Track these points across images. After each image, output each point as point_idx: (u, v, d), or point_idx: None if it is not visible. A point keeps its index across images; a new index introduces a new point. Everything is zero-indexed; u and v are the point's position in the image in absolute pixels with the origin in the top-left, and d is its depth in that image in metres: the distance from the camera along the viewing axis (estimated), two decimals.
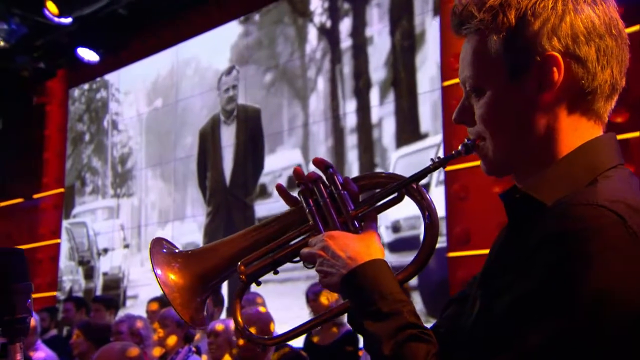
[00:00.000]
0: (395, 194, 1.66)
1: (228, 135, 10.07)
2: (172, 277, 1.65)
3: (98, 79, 12.14)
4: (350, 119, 8.75)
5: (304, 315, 6.33)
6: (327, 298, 6.25)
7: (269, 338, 1.77)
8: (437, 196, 7.37)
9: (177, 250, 1.73)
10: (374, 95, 8.57)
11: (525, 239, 1.36)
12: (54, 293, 11.68)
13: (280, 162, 9.35)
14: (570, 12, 1.45)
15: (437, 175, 7.36)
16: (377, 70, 8.60)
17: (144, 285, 10.36)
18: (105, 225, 11.56)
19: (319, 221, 1.64)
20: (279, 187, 1.74)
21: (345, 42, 8.99)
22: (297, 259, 1.67)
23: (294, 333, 1.68)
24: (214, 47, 10.49)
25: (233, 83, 10.26)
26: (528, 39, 1.45)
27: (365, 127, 8.63)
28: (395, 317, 1.44)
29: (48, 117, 12.64)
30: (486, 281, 1.47)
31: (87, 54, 10.90)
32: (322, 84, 9.10)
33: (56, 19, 9.73)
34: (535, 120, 1.46)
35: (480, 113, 1.51)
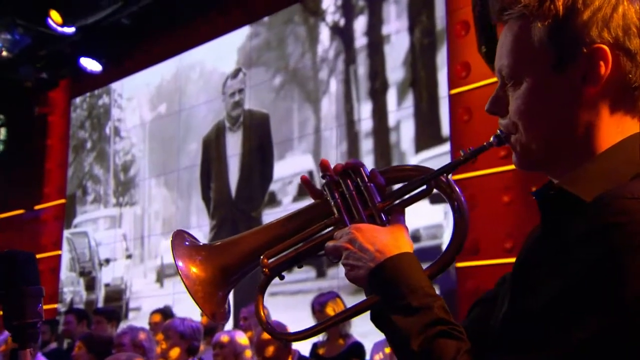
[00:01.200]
0: (424, 187, 1.57)
1: (234, 144, 9.73)
2: (194, 269, 1.56)
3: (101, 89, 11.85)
4: (365, 123, 8.35)
5: None
6: (334, 309, 6.07)
7: (292, 333, 1.62)
8: (443, 207, 7.08)
9: (199, 243, 1.63)
10: (391, 97, 8.17)
11: (562, 235, 1.29)
12: (55, 305, 11.42)
13: (290, 168, 8.98)
14: (624, 1, 1.37)
15: None
16: (395, 71, 8.20)
17: (146, 297, 10.13)
18: (107, 235, 11.31)
19: (344, 214, 1.55)
20: (304, 180, 1.65)
21: (360, 41, 8.64)
22: (322, 252, 1.56)
23: (316, 329, 1.57)
24: (220, 50, 10.19)
25: (239, 87, 9.93)
26: (576, 28, 1.37)
27: (381, 131, 8.20)
28: (425, 312, 1.36)
29: (50, 128, 12.46)
30: (518, 280, 1.36)
31: (90, 64, 10.74)
32: (334, 86, 8.76)
33: (59, 29, 9.63)
34: (576, 114, 1.38)
35: (517, 104, 1.42)
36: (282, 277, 1.62)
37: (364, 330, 6.04)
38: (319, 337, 6.02)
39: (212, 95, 10.29)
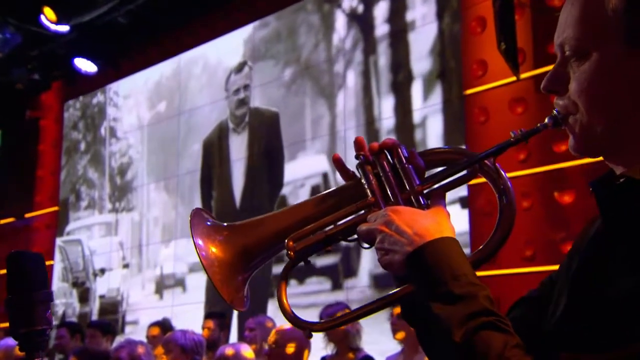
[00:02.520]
0: (467, 171, 1.48)
1: (238, 147, 9.25)
2: (213, 249, 1.48)
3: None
4: (386, 120, 7.81)
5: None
6: None
7: (317, 323, 1.51)
8: (459, 212, 6.76)
9: (220, 223, 1.54)
10: (416, 90, 7.60)
11: (633, 227, 1.22)
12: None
13: (302, 170, 8.48)
14: None
15: (458, 191, 6.50)
16: (420, 61, 7.61)
17: (144, 309, 9.77)
18: (102, 243, 10.89)
19: (379, 196, 1.47)
20: (336, 158, 1.56)
21: (381, 29, 8.07)
22: (353, 237, 1.47)
23: (342, 320, 1.48)
24: (225, 42, 9.70)
25: (244, 82, 9.38)
26: None
27: (405, 127, 7.60)
28: (468, 301, 1.27)
29: (42, 133, 12.14)
30: (586, 277, 1.29)
31: (85, 65, 10.48)
32: (352, 79, 8.23)
33: (53, 27, 9.40)
34: None
35: (580, 80, 1.33)
36: (307, 262, 1.53)
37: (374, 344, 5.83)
38: (328, 351, 5.80)
39: (216, 92, 9.83)
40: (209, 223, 1.54)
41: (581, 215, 5.95)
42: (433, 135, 7.38)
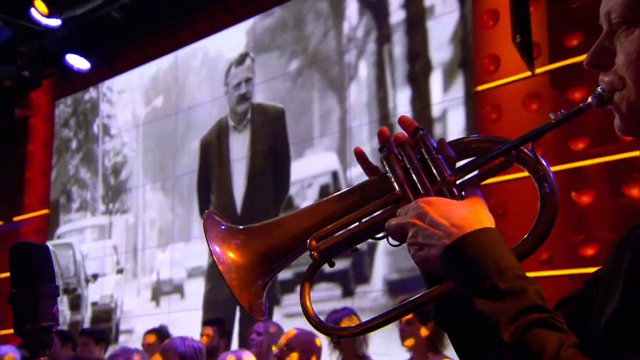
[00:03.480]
0: (503, 159, 1.45)
1: (239, 146, 9.06)
2: (230, 254, 1.45)
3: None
4: (403, 112, 7.52)
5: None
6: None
7: (345, 328, 1.45)
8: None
9: (235, 226, 1.52)
10: (436, 81, 7.39)
11: None
12: None
13: (309, 169, 8.29)
14: None
15: None
16: (440, 50, 7.37)
17: (139, 317, 9.63)
18: (95, 247, 10.75)
19: (408, 189, 1.43)
20: (358, 151, 1.53)
21: (397, 16, 7.86)
22: (381, 234, 1.43)
23: (373, 323, 1.42)
24: (226, 32, 9.54)
25: (246, 76, 9.17)
26: None
27: (423, 122, 7.32)
28: (517, 297, 1.22)
29: (31, 132, 12.06)
30: (634, 276, 1.23)
31: (77, 61, 10.32)
32: (364, 70, 8.03)
33: (44, 22, 9.30)
34: None
35: (628, 52, 1.28)
36: (332, 264, 1.48)
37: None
38: (333, 358, 5.67)
39: (217, 86, 9.63)
40: (223, 227, 1.51)
41: (601, 216, 5.90)
42: (454, 130, 7.17)
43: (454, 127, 7.16)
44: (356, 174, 7.55)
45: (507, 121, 6.65)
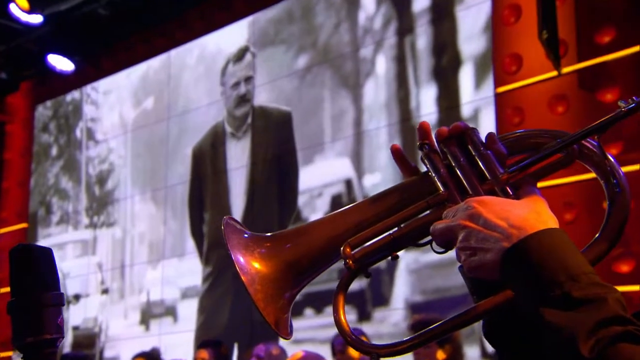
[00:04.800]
0: (562, 154, 1.40)
1: (238, 155, 8.91)
2: (255, 264, 1.43)
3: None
4: (427, 115, 7.50)
5: None
6: None
7: (384, 346, 1.42)
8: None
9: (259, 234, 1.51)
10: (466, 76, 7.28)
11: None
12: (10, 353, 10.66)
13: (319, 177, 8.14)
14: None
15: None
16: (471, 41, 7.25)
17: (127, 342, 9.43)
18: (77, 264, 10.57)
19: (454, 189, 1.39)
20: (395, 149, 1.50)
21: (420, 3, 7.75)
22: (425, 240, 1.40)
23: (417, 341, 1.38)
24: (224, 29, 9.43)
25: (246, 74, 8.95)
26: None
27: (452, 122, 6.28)
28: (594, 306, 1.15)
29: (8, 139, 11.86)
30: None
31: (60, 62, 10.13)
32: (383, 65, 7.89)
33: (24, 18, 9.21)
34: None
35: None
36: (368, 274, 1.45)
37: None
38: None
39: (215, 85, 9.44)
40: (246, 235, 1.48)
41: (636, 229, 5.76)
42: (487, 130, 6.64)
43: (488, 128, 6.75)
44: (373, 183, 7.43)
45: (531, 125, 6.48)
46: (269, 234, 1.48)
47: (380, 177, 7.37)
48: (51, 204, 11.17)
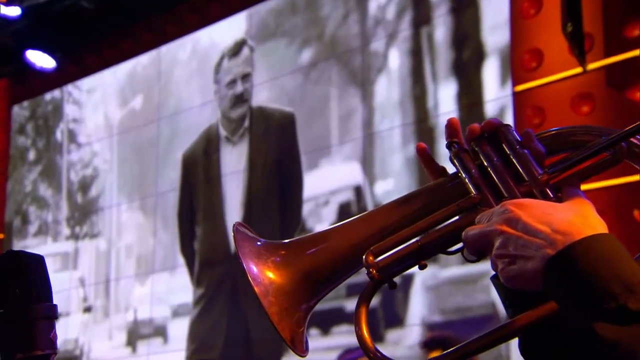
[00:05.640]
0: (608, 153, 1.38)
1: (234, 162, 8.84)
2: (269, 274, 1.42)
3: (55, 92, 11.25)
4: (446, 113, 7.30)
5: None
6: None
7: None
8: None
9: (273, 241, 1.51)
10: (490, 71, 7.20)
11: None
12: None
13: (325, 183, 8.09)
14: None
15: None
16: (496, 32, 7.18)
17: None
18: (57, 279, 10.06)
19: (488, 191, 1.38)
20: (421, 149, 1.50)
21: None
22: (455, 247, 1.39)
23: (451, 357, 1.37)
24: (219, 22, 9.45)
25: (243, 70, 8.87)
26: None
27: (474, 122, 6.24)
28: None
29: None
30: None
31: (40, 59, 10.16)
32: (396, 59, 7.81)
33: (1, 11, 9.23)
34: None
35: None
36: (393, 284, 1.44)
37: None
38: None
39: (210, 82, 9.37)
40: (259, 243, 1.48)
41: None
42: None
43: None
44: (385, 190, 7.34)
45: (552, 127, 6.37)
46: (284, 241, 1.47)
47: (394, 183, 7.27)
48: (28, 213, 11.15)
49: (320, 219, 8.00)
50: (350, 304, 7.13)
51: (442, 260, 6.60)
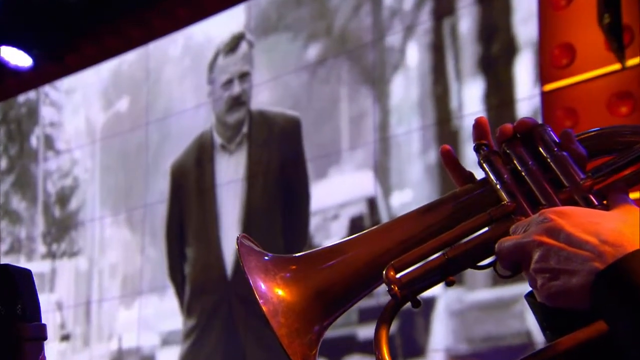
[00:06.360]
0: None
1: (230, 174, 8.68)
2: (278, 291, 1.45)
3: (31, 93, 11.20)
4: (472, 114, 7.05)
5: None
6: None
7: None
8: None
9: (282, 255, 1.56)
10: (522, 67, 7.09)
11: None
12: None
13: (334, 194, 7.98)
14: None
15: None
16: (529, 23, 7.06)
17: None
18: None
19: (523, 199, 1.41)
20: (446, 151, 1.54)
21: None
22: (487, 261, 1.42)
23: None
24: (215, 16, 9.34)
25: (241, 69, 8.78)
26: None
27: (504, 123, 6.28)
28: None
29: None
30: None
31: (15, 57, 10.16)
32: (415, 55, 7.68)
33: None
34: None
35: None
36: (417, 303, 1.45)
37: None
38: None
39: (204, 82, 9.23)
40: (267, 258, 1.50)
41: None
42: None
43: None
44: (402, 201, 7.25)
45: (586, 130, 6.53)
46: (294, 255, 1.49)
47: (412, 194, 7.22)
48: None
49: (329, 234, 7.86)
50: (363, 331, 7.16)
51: (469, 282, 6.62)
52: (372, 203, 7.61)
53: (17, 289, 1.58)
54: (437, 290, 6.90)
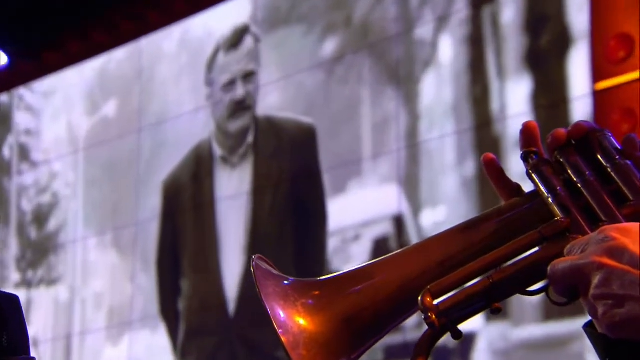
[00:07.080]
0: None
1: (232, 191, 8.56)
2: (299, 320, 1.47)
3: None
4: (517, 116, 7.04)
5: None
6: None
7: None
8: None
9: (305, 279, 1.60)
10: (576, 63, 6.92)
11: None
12: None
13: (355, 211, 7.82)
14: None
15: None
16: (584, 9, 6.90)
17: None
18: None
19: (579, 215, 1.43)
20: (489, 160, 1.58)
21: None
22: (538, 287, 1.45)
23: None
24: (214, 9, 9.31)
25: (245, 68, 8.62)
26: None
27: (556, 127, 6.05)
28: None
29: None
30: None
31: None
32: (448, 51, 7.54)
33: None
34: None
35: None
36: (458, 334, 1.46)
37: None
38: None
39: (202, 83, 9.18)
40: (286, 282, 1.53)
41: None
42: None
43: None
44: (435, 220, 7.09)
45: None
46: (317, 279, 1.52)
47: (446, 211, 7.07)
48: None
49: (349, 258, 7.64)
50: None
51: (516, 315, 6.46)
52: (398, 222, 7.42)
53: (2, 317, 1.57)
54: (477, 324, 6.77)
